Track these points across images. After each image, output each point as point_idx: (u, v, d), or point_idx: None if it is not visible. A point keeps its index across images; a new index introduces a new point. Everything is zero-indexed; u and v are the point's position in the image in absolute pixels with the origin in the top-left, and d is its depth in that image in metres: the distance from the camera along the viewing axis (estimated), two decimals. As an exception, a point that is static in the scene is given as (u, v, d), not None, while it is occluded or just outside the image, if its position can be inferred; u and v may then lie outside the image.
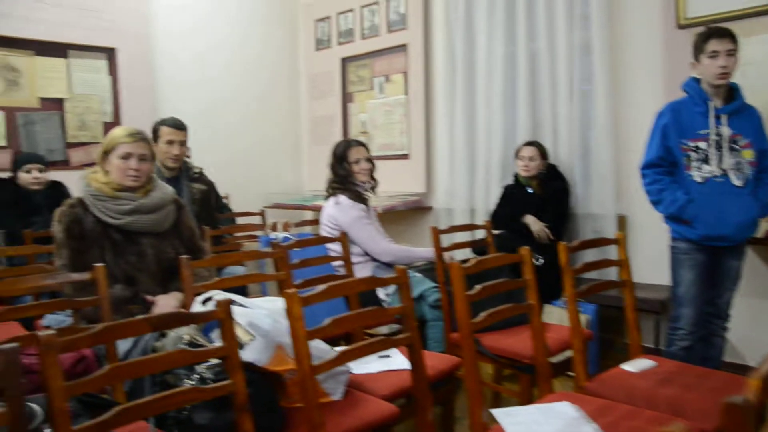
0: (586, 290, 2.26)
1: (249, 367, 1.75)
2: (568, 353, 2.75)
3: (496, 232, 3.57)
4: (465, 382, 1.90)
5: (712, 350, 2.96)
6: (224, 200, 4.49)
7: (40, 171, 3.86)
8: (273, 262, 2.70)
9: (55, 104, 4.75)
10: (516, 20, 4.26)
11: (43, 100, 4.70)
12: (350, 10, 5.49)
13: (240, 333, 1.79)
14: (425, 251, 3.34)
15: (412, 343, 1.83)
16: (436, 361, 2.39)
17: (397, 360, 2.37)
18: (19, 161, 3.91)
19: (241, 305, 1.94)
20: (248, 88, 5.68)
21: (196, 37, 5.37)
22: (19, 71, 4.61)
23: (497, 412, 1.86)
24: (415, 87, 4.96)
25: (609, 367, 2.29)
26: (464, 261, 2.08)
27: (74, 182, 3.86)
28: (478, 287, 1.89)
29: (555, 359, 2.56)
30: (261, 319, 1.85)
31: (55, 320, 2.49)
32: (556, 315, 3.50)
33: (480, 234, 3.53)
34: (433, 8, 4.86)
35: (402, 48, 5.05)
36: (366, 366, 2.29)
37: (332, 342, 2.13)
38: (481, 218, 4.17)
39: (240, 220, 4.48)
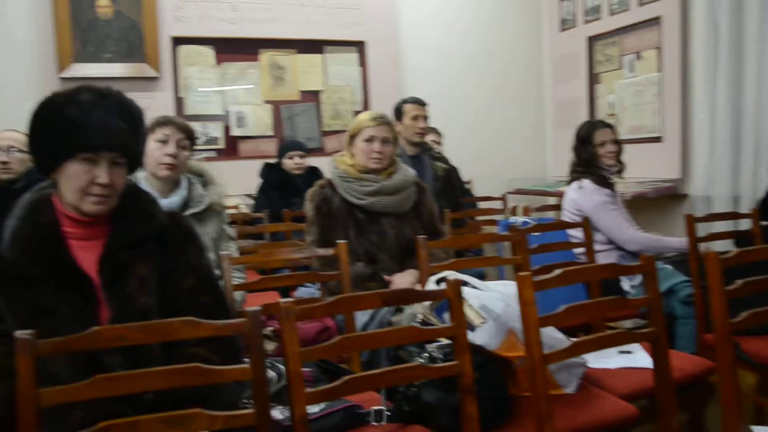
0: None
1: (478, 351, 1.73)
2: None
3: (764, 223, 3.13)
4: (719, 391, 1.67)
5: None
6: (467, 185, 4.54)
7: (301, 157, 4.22)
8: (511, 247, 2.64)
9: (313, 96, 5.17)
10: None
11: (303, 93, 5.15)
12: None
13: (471, 315, 1.78)
14: (677, 241, 3.04)
15: (657, 339, 1.66)
16: (684, 362, 2.16)
17: (639, 357, 2.19)
18: (284, 148, 4.33)
19: (474, 287, 1.92)
20: (490, 74, 5.65)
21: (437, 25, 5.48)
22: (284, 68, 5.09)
23: (759, 430, 1.62)
24: (671, 64, 4.52)
25: None
26: (723, 253, 1.83)
27: (328, 167, 4.21)
28: (739, 282, 1.65)
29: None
30: (493, 302, 1.82)
31: (306, 292, 2.71)
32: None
33: (744, 225, 3.12)
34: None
35: (655, 21, 4.63)
36: (604, 360, 2.13)
37: (571, 333, 2.02)
38: (747, 207, 3.69)
39: (481, 206, 4.49)
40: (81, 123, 1.47)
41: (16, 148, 2.96)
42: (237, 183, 4.33)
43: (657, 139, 4.67)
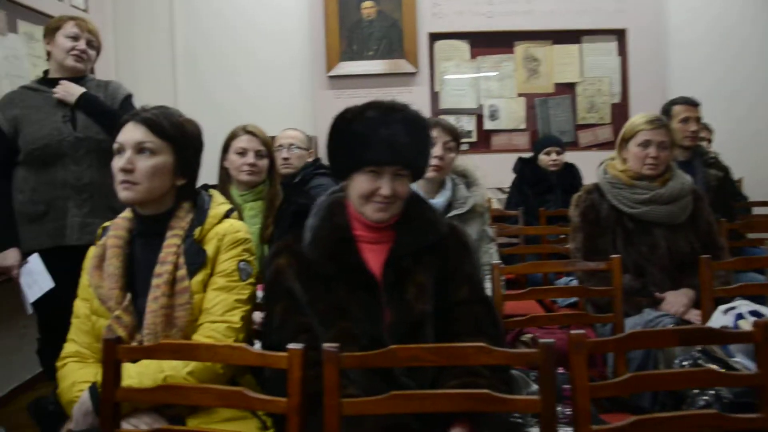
0: None
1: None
2: None
3: None
4: None
5: None
6: (738, 186, 4.10)
7: (558, 153, 4.12)
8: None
9: (568, 88, 5.01)
10: None
11: (558, 85, 5.01)
12: None
13: None
14: None
15: None
16: None
17: None
18: (540, 144, 4.25)
19: None
20: (764, 65, 5.01)
21: (710, 7, 4.98)
22: (539, 60, 5.00)
23: None
24: None
25: None
26: None
27: (583, 163, 4.06)
28: None
29: None
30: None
31: (567, 282, 2.63)
32: None
33: None
34: None
35: None
36: None
37: None
38: None
39: (756, 211, 4.01)
40: (367, 139, 1.59)
41: (296, 146, 3.27)
42: (489, 176, 4.34)
43: None
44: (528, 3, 4.91)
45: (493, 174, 4.42)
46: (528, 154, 4.31)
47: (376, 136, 1.59)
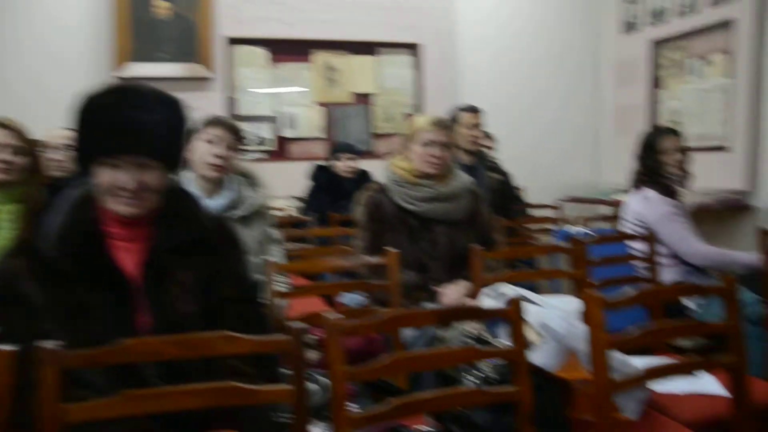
0: None
1: (536, 371, 1.63)
2: None
3: None
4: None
5: None
6: (518, 192, 4.42)
7: (352, 160, 4.17)
8: (567, 259, 2.52)
9: (365, 99, 5.11)
10: None
11: (355, 95, 5.09)
12: (663, -12, 4.97)
13: (529, 333, 1.67)
14: (748, 256, 2.86)
15: (738, 368, 1.53)
16: (757, 388, 2.00)
17: (705, 381, 2.03)
18: (335, 150, 4.28)
19: (532, 303, 1.81)
20: (546, 77, 5.51)
21: (495, 27, 5.37)
22: (337, 70, 5.05)
23: None
24: (742, 68, 4.30)
25: None
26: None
27: (379, 171, 4.13)
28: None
29: None
30: (554, 321, 1.71)
31: (351, 299, 2.63)
32: None
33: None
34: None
35: (725, 25, 4.42)
36: (668, 384, 1.99)
37: (626, 352, 1.89)
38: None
39: (534, 213, 4.35)
40: (100, 127, 1.42)
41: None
42: (286, 185, 4.31)
43: (722, 148, 4.45)
44: (327, 13, 4.94)
45: (290, 182, 4.39)
46: (325, 162, 4.31)
47: (110, 122, 1.41)
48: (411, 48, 5.16)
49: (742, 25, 4.28)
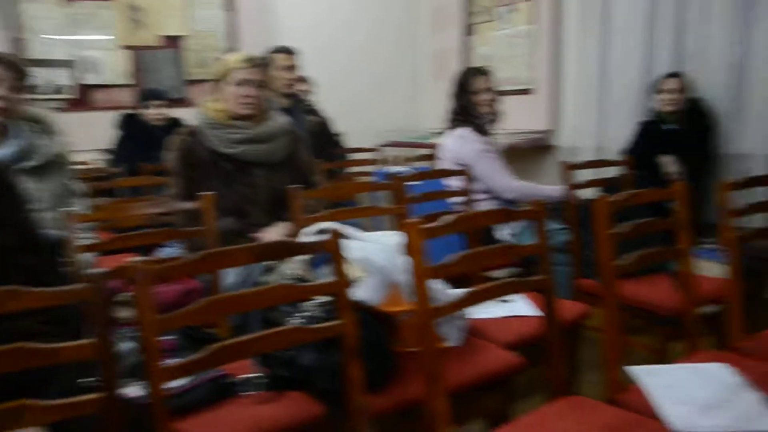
0: (746, 236, 1.93)
1: (360, 307, 1.61)
2: (706, 309, 2.43)
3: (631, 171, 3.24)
4: (603, 333, 1.66)
5: None
6: (339, 137, 4.40)
7: (163, 107, 3.89)
8: (388, 197, 2.53)
9: (176, 42, 4.77)
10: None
11: (165, 38, 4.73)
12: (473, -66, 5.10)
13: (352, 269, 1.64)
14: (553, 189, 3.06)
15: (546, 287, 1.60)
16: (563, 308, 2.15)
17: (519, 305, 2.16)
18: (144, 97, 3.97)
19: (354, 239, 1.78)
20: (365, 22, 5.49)
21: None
22: (142, 10, 4.65)
23: (636, 370, 1.62)
24: (544, 16, 4.55)
25: (750, 327, 1.96)
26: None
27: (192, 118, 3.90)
28: (625, 225, 1.63)
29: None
30: (376, 255, 1.69)
31: (169, 253, 2.46)
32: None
33: (613, 173, 3.21)
34: (566, -74, 4.40)
35: (529, -27, 4.64)
36: (485, 311, 2.09)
37: (447, 284, 1.95)
38: (611, 158, 3.80)
39: (354, 158, 4.35)
40: None
41: None
42: (90, 137, 3.94)
43: (528, 91, 4.72)
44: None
45: (95, 134, 4.02)
46: (134, 110, 3.99)
47: None
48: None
49: (543, -27, 4.52)
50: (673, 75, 3.50)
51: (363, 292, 1.64)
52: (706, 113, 3.51)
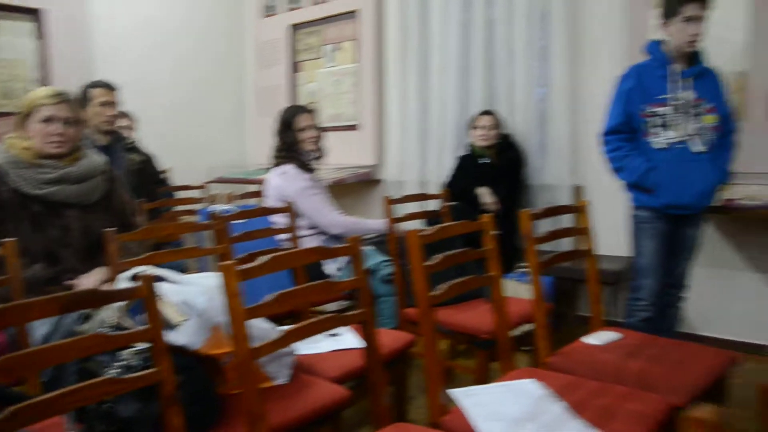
0: (548, 260, 2.13)
1: (182, 352, 1.57)
2: (524, 327, 2.64)
3: (451, 203, 3.44)
4: (424, 360, 1.74)
5: (668, 321, 2.90)
6: (164, 174, 4.25)
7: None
8: (213, 236, 2.49)
9: (-24, 70, 4.38)
10: (472, -14, 4.11)
11: (-36, 66, 4.34)
12: (299, -26, 5.22)
13: (171, 313, 1.60)
14: (377, 223, 3.18)
15: (366, 319, 1.66)
16: (388, 338, 2.24)
17: (347, 339, 2.21)
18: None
19: (172, 282, 1.73)
20: (190, 58, 5.36)
21: (136, 1, 5.04)
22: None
23: (456, 393, 1.73)
24: (367, 55, 4.75)
25: (563, 342, 2.18)
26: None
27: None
28: (438, 256, 1.74)
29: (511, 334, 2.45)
30: (195, 297, 1.66)
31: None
32: (510, 288, 3.39)
33: (434, 205, 3.39)
34: (385, -27, 4.65)
35: (353, 14, 4.83)
36: (313, 346, 2.12)
37: (277, 323, 1.95)
38: (433, 190, 4.03)
39: (180, 195, 4.22)
40: None
41: None
42: None
43: (354, 127, 4.88)
44: None
45: None
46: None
47: None
48: (32, 13, 4.54)
49: (366, 14, 4.72)
50: (486, 113, 3.80)
51: (184, 336, 1.60)
52: (516, 148, 3.84)
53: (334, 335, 2.23)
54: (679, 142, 2.63)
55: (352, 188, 4.78)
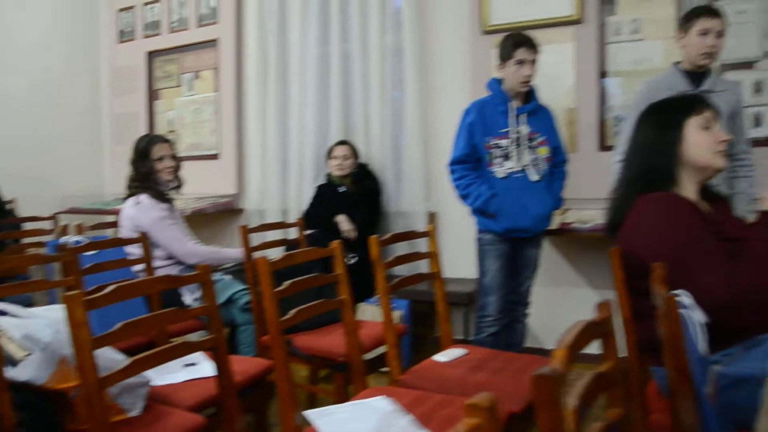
0: (397, 283, 2.26)
1: (26, 387, 1.52)
2: (382, 349, 2.75)
3: (308, 231, 3.52)
4: (277, 385, 1.79)
5: (515, 336, 3.13)
6: (9, 205, 4.02)
7: None
8: (61, 268, 2.40)
9: None
10: (329, 20, 4.26)
11: None
12: (157, 1, 5.14)
13: (13, 348, 1.56)
14: (234, 252, 3.19)
15: (218, 345, 1.69)
16: (246, 365, 2.27)
17: (203, 367, 2.21)
18: None
19: (14, 316, 1.68)
20: (40, 83, 5.06)
21: None
22: None
23: (311, 414, 1.79)
24: (226, 84, 4.76)
25: (422, 360, 2.31)
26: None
27: None
28: (287, 283, 1.80)
29: (369, 356, 2.55)
30: (40, 331, 1.62)
31: None
32: (369, 313, 3.51)
33: (293, 234, 3.46)
34: (246, 3, 4.69)
35: (212, 43, 4.83)
36: (169, 376, 2.10)
37: (134, 354, 1.93)
38: (294, 219, 4.09)
39: (27, 227, 4.00)
40: None
41: None
42: None
43: (214, 156, 4.85)
44: None
45: None
46: None
47: None
48: None
49: (225, 43, 4.74)
50: (342, 143, 3.95)
51: (27, 371, 1.56)
52: (373, 176, 4.01)
53: (191, 365, 2.22)
54: (518, 172, 2.89)
55: (213, 218, 4.74)
